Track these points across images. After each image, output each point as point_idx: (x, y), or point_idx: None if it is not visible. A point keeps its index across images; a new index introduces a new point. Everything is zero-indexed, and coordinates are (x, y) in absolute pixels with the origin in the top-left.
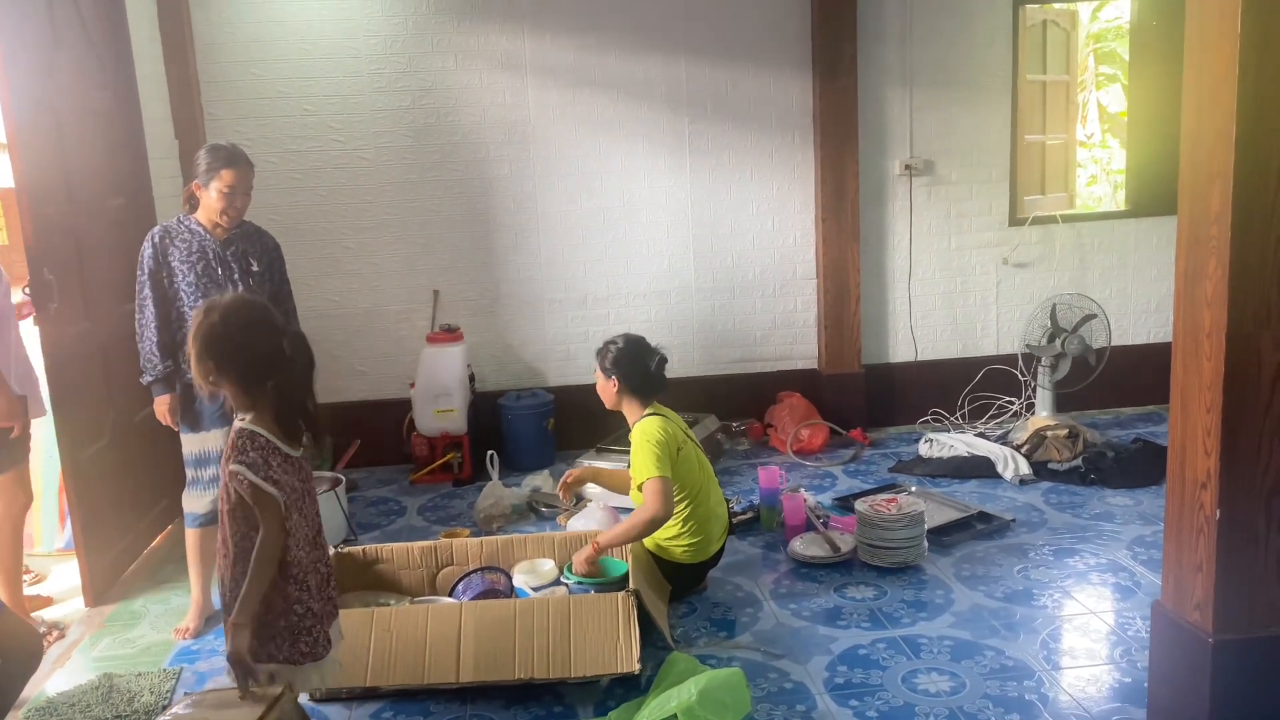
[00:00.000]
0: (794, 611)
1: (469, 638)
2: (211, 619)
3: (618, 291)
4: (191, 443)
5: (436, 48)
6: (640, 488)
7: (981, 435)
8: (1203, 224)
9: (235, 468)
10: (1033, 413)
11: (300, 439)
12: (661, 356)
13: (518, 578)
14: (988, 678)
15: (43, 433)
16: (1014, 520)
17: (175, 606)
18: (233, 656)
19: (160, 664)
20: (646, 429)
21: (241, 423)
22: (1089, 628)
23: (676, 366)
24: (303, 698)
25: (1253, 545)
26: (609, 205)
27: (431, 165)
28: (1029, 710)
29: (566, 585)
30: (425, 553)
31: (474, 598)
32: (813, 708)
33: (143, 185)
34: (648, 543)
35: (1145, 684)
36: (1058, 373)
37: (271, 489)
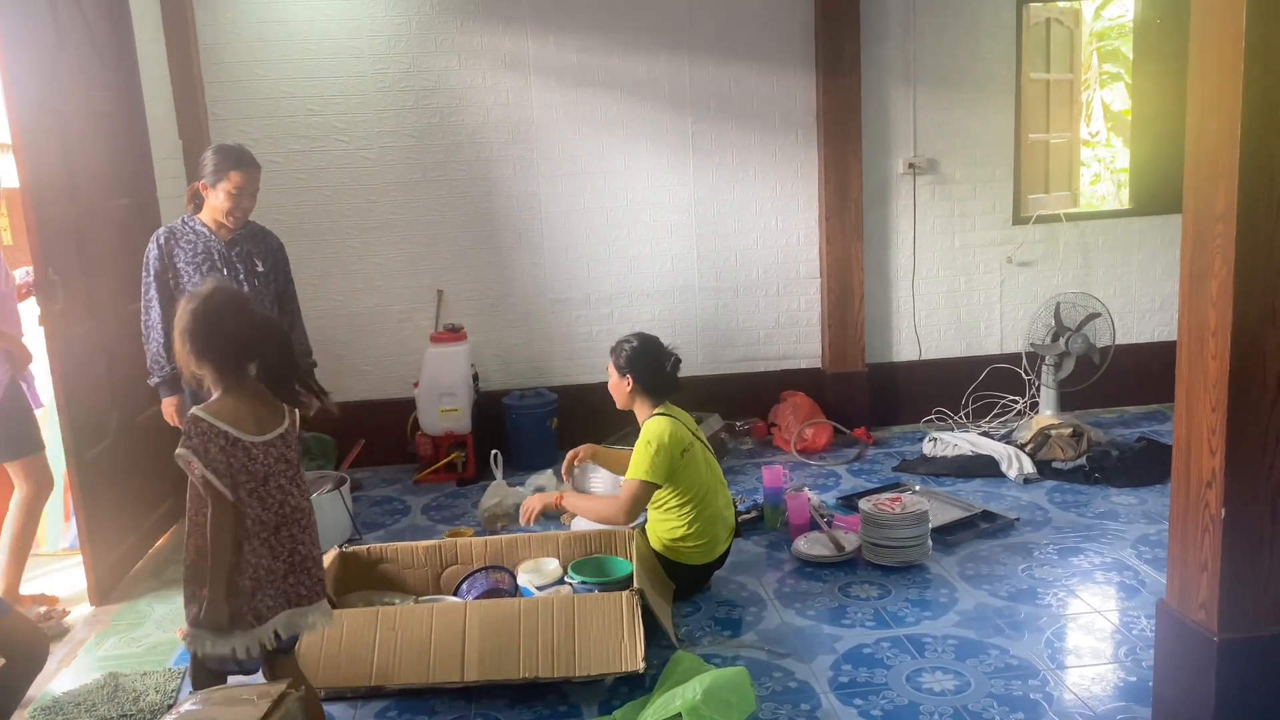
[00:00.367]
0: (798, 611)
1: (473, 637)
2: None
3: (621, 291)
4: None
5: (440, 48)
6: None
7: (985, 434)
8: (1207, 222)
9: (179, 451)
10: (1037, 412)
11: (279, 419)
12: (676, 357)
13: (522, 577)
14: (992, 677)
15: (47, 432)
16: (1018, 519)
17: (180, 606)
18: (205, 624)
19: (165, 663)
20: (655, 428)
21: (196, 409)
22: (1094, 627)
23: (681, 366)
24: None
25: (1258, 544)
26: (612, 205)
27: (435, 165)
28: (1034, 709)
29: (571, 584)
30: (430, 552)
31: (478, 597)
32: (817, 707)
33: (147, 186)
34: (653, 542)
35: (1150, 683)
36: (1062, 371)
37: (210, 474)
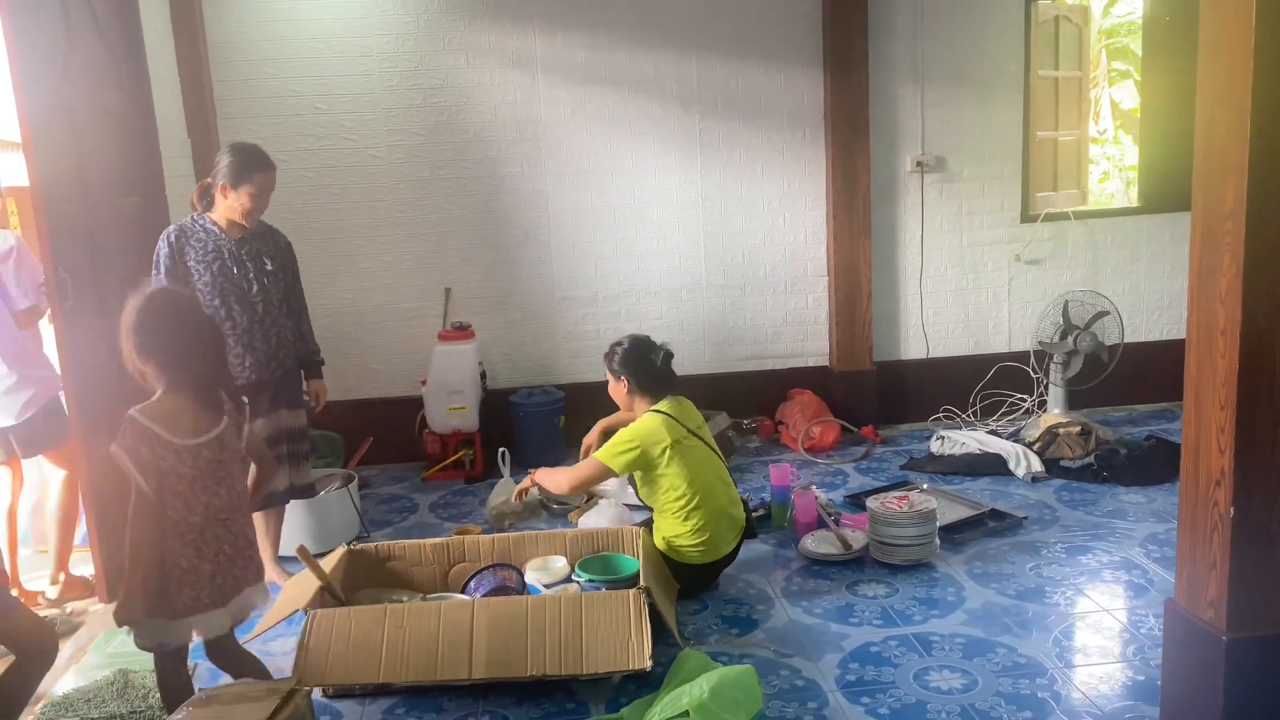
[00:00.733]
0: (805, 609)
1: (481, 634)
2: None
3: (628, 289)
4: None
5: (447, 46)
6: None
7: (993, 432)
8: (1217, 219)
9: (112, 449)
10: (1045, 410)
11: (215, 420)
12: (667, 352)
13: (529, 575)
14: (1000, 675)
15: None
16: (1026, 518)
17: None
18: (120, 616)
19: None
20: (641, 424)
21: (133, 410)
22: (1101, 625)
23: (687, 363)
24: (316, 694)
25: (1267, 543)
26: (620, 202)
27: (443, 163)
28: (1041, 708)
29: (578, 582)
30: (437, 550)
31: (486, 594)
32: (824, 705)
33: (156, 184)
34: (657, 541)
35: (1158, 682)
36: (1070, 370)
37: (135, 473)
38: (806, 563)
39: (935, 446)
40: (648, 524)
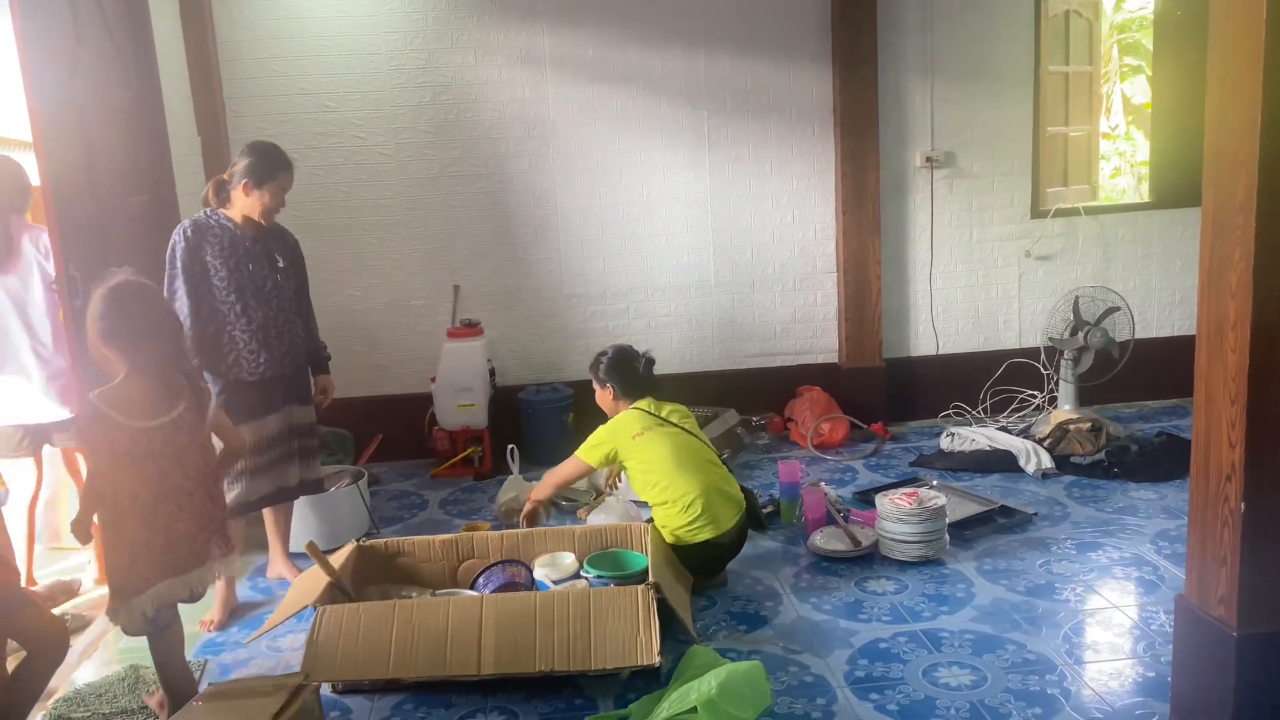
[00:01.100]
0: (815, 605)
1: (490, 630)
2: (235, 611)
3: (637, 285)
4: (250, 431)
5: (456, 44)
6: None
7: (1003, 429)
8: (1227, 214)
9: (72, 431)
10: (1055, 406)
11: (173, 405)
12: (649, 359)
13: (538, 571)
14: (1009, 672)
15: None
16: (1036, 514)
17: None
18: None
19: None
20: (613, 422)
21: (92, 393)
22: (1112, 622)
23: (696, 360)
24: (325, 689)
25: (1278, 539)
26: (628, 199)
27: (451, 161)
28: (1051, 704)
29: (587, 578)
30: (446, 546)
31: (495, 590)
32: (833, 701)
33: (166, 181)
34: (664, 533)
35: (1168, 679)
36: (1080, 366)
37: (90, 454)
38: (815, 559)
39: (945, 443)
40: (652, 521)
